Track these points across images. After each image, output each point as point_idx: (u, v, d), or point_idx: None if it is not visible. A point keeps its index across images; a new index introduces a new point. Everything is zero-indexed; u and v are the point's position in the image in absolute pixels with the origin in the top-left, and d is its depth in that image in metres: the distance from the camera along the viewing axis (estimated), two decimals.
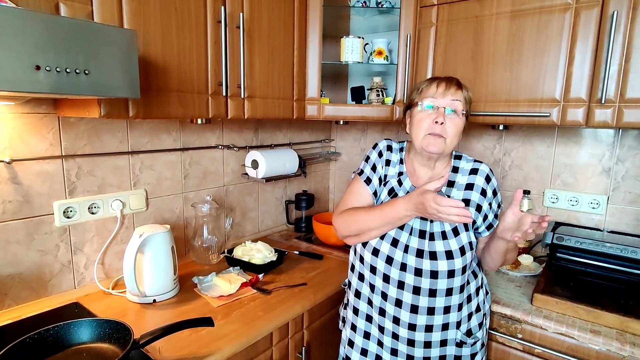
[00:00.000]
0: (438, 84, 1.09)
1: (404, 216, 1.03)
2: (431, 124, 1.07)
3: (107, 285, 1.35)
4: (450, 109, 1.07)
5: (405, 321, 1.08)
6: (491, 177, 1.14)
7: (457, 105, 1.07)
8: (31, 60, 0.75)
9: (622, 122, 1.27)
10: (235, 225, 1.86)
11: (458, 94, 1.08)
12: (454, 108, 1.07)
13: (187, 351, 1.02)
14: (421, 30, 1.62)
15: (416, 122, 1.10)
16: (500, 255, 1.12)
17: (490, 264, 1.18)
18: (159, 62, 1.13)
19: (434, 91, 1.08)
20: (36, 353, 0.93)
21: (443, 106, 1.07)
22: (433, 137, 1.07)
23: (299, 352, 1.35)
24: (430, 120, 1.07)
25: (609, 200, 1.60)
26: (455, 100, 1.07)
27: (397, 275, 1.08)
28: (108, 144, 1.36)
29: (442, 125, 1.06)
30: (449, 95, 1.07)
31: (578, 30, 1.31)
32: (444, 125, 1.06)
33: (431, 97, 1.08)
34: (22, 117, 1.16)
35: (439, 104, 1.07)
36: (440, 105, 1.07)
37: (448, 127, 1.06)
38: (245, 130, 1.84)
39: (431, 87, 1.09)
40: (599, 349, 1.16)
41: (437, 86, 1.08)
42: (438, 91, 1.08)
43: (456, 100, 1.07)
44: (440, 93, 1.07)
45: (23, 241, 1.19)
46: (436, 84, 1.09)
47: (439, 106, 1.07)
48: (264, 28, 1.44)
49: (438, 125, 1.06)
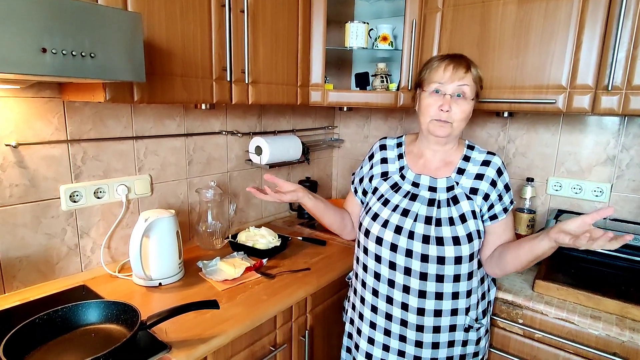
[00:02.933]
0: (445, 68, 1.07)
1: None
2: (437, 110, 1.07)
3: (113, 269, 1.37)
4: (458, 94, 1.07)
5: (414, 306, 1.08)
6: (503, 170, 1.13)
7: (464, 90, 1.06)
8: (37, 43, 0.75)
9: (629, 110, 1.26)
10: (238, 211, 1.87)
11: (466, 77, 1.06)
12: (461, 92, 1.07)
13: (192, 333, 1.04)
14: (427, 15, 1.60)
15: (423, 107, 1.10)
16: (532, 258, 1.01)
17: (508, 266, 1.07)
18: (163, 46, 1.13)
19: (440, 75, 1.07)
20: (45, 333, 0.96)
21: (449, 93, 1.06)
22: (439, 122, 1.07)
23: (302, 336, 1.37)
24: (436, 106, 1.07)
25: (613, 188, 1.60)
26: (463, 85, 1.06)
27: (403, 261, 1.08)
28: (113, 129, 1.36)
29: (447, 112, 1.06)
30: (456, 80, 1.06)
31: (586, 16, 1.29)
32: (450, 112, 1.06)
33: (437, 82, 1.07)
34: (27, 101, 1.16)
35: (445, 90, 1.07)
36: (447, 92, 1.06)
37: (454, 112, 1.06)
38: (249, 116, 1.84)
39: (439, 71, 1.08)
40: (599, 334, 1.17)
41: (444, 70, 1.07)
42: (445, 76, 1.06)
43: (464, 85, 1.06)
44: (447, 78, 1.06)
45: (30, 224, 1.21)
46: (444, 67, 1.07)
47: (445, 93, 1.07)
48: (268, 12, 1.43)
49: (444, 112, 1.06)
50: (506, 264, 1.07)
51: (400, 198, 1.13)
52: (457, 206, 1.08)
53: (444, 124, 1.07)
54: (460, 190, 1.10)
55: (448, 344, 1.11)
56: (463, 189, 1.11)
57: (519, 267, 1.06)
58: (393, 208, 1.12)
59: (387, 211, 1.13)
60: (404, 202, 1.12)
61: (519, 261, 1.04)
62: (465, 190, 1.10)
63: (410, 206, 1.11)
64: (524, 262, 1.03)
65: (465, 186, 1.11)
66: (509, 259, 1.06)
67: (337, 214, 1.27)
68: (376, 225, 1.13)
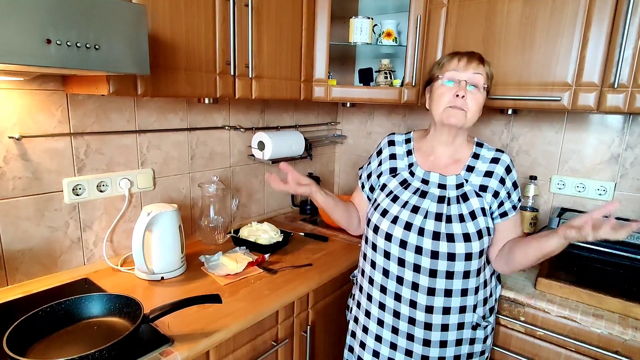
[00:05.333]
0: (460, 58, 1.08)
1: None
2: (452, 97, 1.07)
3: (115, 262, 1.37)
4: (472, 84, 1.07)
5: (422, 304, 1.08)
6: (512, 168, 1.13)
7: (478, 79, 1.07)
8: (42, 34, 0.74)
9: (634, 108, 1.25)
10: (241, 206, 1.87)
11: (480, 68, 1.07)
12: (475, 82, 1.07)
13: (195, 327, 1.04)
14: (432, 11, 1.59)
15: (437, 97, 1.10)
16: (541, 255, 1.01)
17: (516, 263, 1.08)
18: (167, 39, 1.12)
19: (455, 64, 1.08)
20: (48, 326, 0.96)
21: (464, 80, 1.06)
22: (453, 110, 1.07)
23: (303, 331, 1.37)
24: (451, 94, 1.07)
25: (616, 187, 1.59)
26: (477, 73, 1.07)
27: (412, 258, 1.07)
28: (116, 122, 1.36)
29: (463, 98, 1.05)
30: (471, 69, 1.06)
31: (593, 12, 1.28)
32: (465, 98, 1.06)
33: (453, 70, 1.08)
34: (30, 93, 1.15)
35: (460, 77, 1.07)
36: (461, 78, 1.07)
37: (469, 100, 1.06)
38: (252, 111, 1.83)
39: (453, 61, 1.09)
40: (601, 333, 1.17)
41: (458, 60, 1.08)
42: (460, 64, 1.07)
43: (478, 73, 1.07)
44: (462, 67, 1.07)
45: (33, 217, 1.21)
46: (458, 58, 1.08)
47: (460, 79, 1.07)
48: (273, 7, 1.42)
49: (459, 98, 1.06)
50: (514, 261, 1.08)
51: (410, 195, 1.13)
52: (466, 203, 1.08)
53: (459, 112, 1.07)
54: (469, 188, 1.10)
55: (456, 342, 1.11)
56: (472, 186, 1.10)
57: (526, 264, 1.06)
58: (403, 204, 1.12)
59: (397, 207, 1.12)
60: (413, 198, 1.12)
61: (527, 259, 1.05)
62: (474, 188, 1.10)
63: (420, 203, 1.10)
64: (532, 260, 1.04)
65: (475, 183, 1.11)
66: (517, 257, 1.07)
67: (345, 210, 1.27)
68: (385, 222, 1.12)
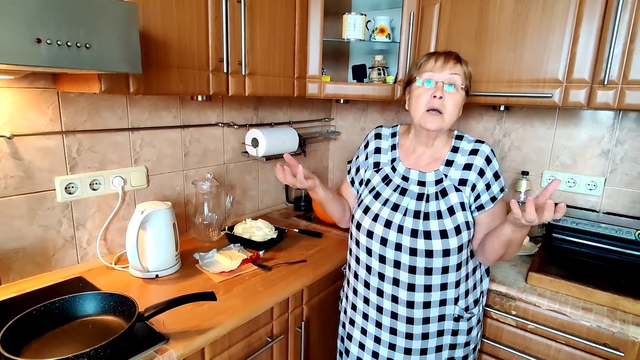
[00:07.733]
0: (436, 59, 1.08)
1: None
2: (429, 98, 1.07)
3: (109, 261, 1.37)
4: (449, 84, 1.07)
5: (403, 299, 1.10)
6: (492, 158, 1.12)
7: (455, 79, 1.07)
8: (32, 33, 0.74)
9: (624, 104, 1.27)
10: (235, 203, 1.87)
11: (457, 67, 1.07)
12: (453, 82, 1.07)
13: (190, 324, 1.04)
14: (425, 7, 1.59)
15: (414, 98, 1.10)
16: (502, 245, 1.04)
17: (489, 255, 1.10)
18: (159, 37, 1.11)
19: (432, 65, 1.08)
20: (43, 325, 0.96)
21: (441, 80, 1.07)
22: (431, 115, 1.07)
23: (298, 327, 1.38)
24: (429, 95, 1.07)
25: (606, 182, 1.62)
26: (454, 74, 1.06)
27: (392, 255, 1.10)
28: (108, 120, 1.35)
29: (440, 99, 1.06)
30: (447, 69, 1.06)
31: (584, 9, 1.29)
32: (443, 100, 1.06)
33: (429, 71, 1.08)
34: (21, 91, 1.14)
35: (437, 78, 1.07)
36: (438, 79, 1.07)
37: (447, 102, 1.06)
38: (245, 108, 1.83)
39: (429, 62, 1.08)
40: (590, 326, 1.19)
41: (435, 60, 1.08)
42: (436, 65, 1.07)
43: (455, 74, 1.06)
44: (438, 67, 1.07)
45: (26, 216, 1.20)
46: (434, 59, 1.08)
47: (437, 80, 1.07)
48: (266, 3, 1.41)
49: (437, 99, 1.06)
50: (487, 253, 1.11)
51: (391, 192, 1.14)
52: (445, 199, 1.09)
53: (436, 116, 1.07)
54: (449, 183, 1.11)
55: (437, 333, 1.13)
56: (452, 180, 1.11)
57: (496, 255, 1.09)
58: (384, 202, 1.14)
59: (378, 205, 1.14)
60: (394, 196, 1.13)
61: (494, 249, 1.07)
62: (454, 182, 1.11)
63: (400, 200, 1.12)
64: (498, 250, 1.07)
65: (454, 178, 1.11)
66: (487, 248, 1.10)
67: (340, 204, 1.29)
68: (367, 219, 1.14)
